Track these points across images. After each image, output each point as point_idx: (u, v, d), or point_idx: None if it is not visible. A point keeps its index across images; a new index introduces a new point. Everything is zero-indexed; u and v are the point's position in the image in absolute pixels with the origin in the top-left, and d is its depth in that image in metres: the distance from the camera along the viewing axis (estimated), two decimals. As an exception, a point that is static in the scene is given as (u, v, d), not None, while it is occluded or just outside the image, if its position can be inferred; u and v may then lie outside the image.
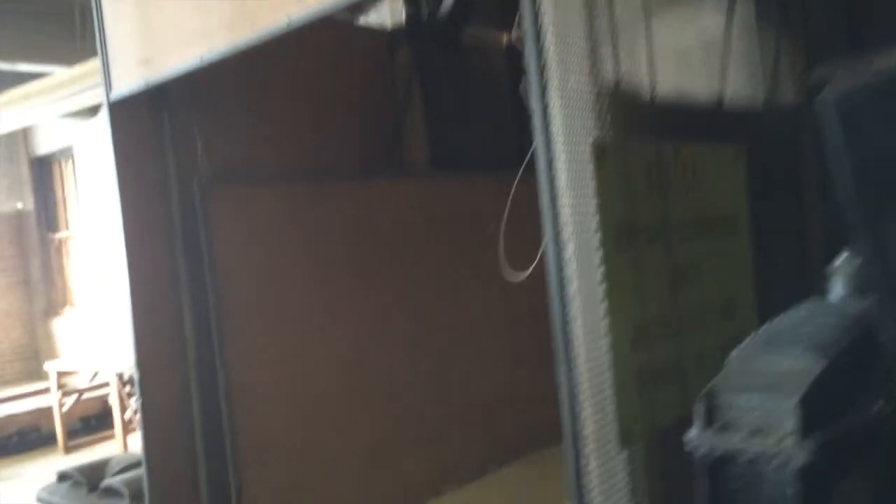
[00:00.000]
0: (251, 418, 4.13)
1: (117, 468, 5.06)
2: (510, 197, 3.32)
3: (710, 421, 1.92)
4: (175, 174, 3.98)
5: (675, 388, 2.70)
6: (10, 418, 7.91)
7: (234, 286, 4.11)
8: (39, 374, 8.58)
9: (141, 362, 3.89)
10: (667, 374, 2.67)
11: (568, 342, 2.37)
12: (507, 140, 6.05)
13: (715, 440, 1.87)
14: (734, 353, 2.11)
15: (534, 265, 2.98)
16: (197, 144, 3.99)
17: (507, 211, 3.31)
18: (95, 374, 7.80)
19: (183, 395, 4.02)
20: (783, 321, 2.09)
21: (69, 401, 7.72)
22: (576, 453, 2.34)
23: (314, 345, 4.46)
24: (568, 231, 2.42)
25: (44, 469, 6.55)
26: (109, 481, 4.87)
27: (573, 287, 2.45)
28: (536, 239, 3.66)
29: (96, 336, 8.42)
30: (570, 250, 2.45)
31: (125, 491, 4.71)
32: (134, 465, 4.84)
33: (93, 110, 7.36)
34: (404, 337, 4.95)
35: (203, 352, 4.05)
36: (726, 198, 3.17)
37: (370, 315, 4.76)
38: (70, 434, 7.77)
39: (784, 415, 1.72)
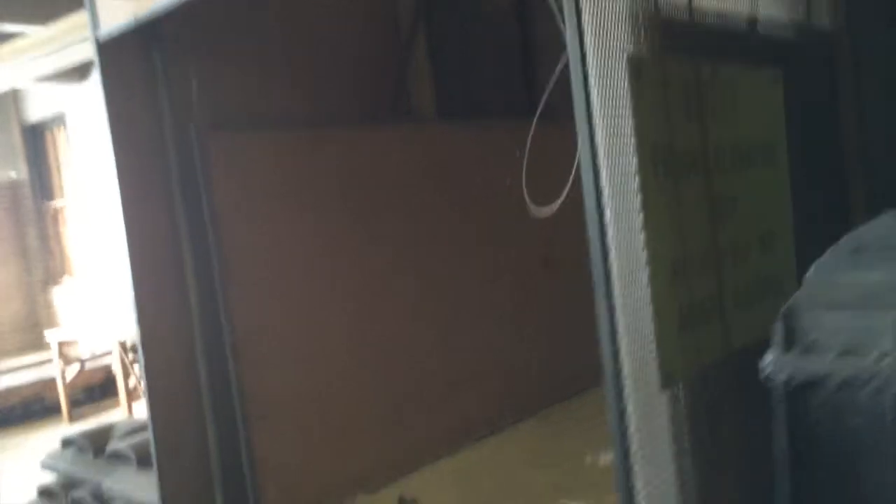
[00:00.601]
0: (259, 376, 3.95)
1: (123, 432, 4.91)
2: (532, 128, 3.10)
3: (790, 343, 1.71)
4: (170, 120, 3.75)
5: (716, 325, 2.51)
6: (13, 390, 7.80)
7: (235, 238, 3.91)
8: (40, 345, 8.44)
9: (142, 319, 3.70)
10: (707, 310, 2.48)
11: (608, 274, 2.17)
12: (517, 86, 5.81)
13: (797, 364, 1.67)
14: (812, 270, 1.90)
15: (562, 198, 2.78)
16: (192, 88, 3.75)
17: (528, 145, 3.09)
18: (98, 344, 7.65)
19: (187, 353, 3.84)
20: (866, 233, 1.87)
21: (72, 370, 7.58)
22: (617, 394, 2.15)
23: (321, 298, 4.27)
24: (602, 154, 2.20)
25: (48, 439, 6.43)
26: (115, 446, 4.71)
27: (608, 215, 2.25)
28: (552, 186, 3.46)
29: (97, 304, 8.26)
30: (604, 177, 2.24)
31: (132, 455, 4.55)
32: (140, 429, 4.67)
33: (83, 73, 7.11)
34: (413, 290, 4.76)
35: (206, 308, 3.86)
36: (764, 125, 2.95)
37: (378, 268, 4.56)
38: (74, 404, 7.66)
39: (881, 332, 1.51)
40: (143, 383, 3.83)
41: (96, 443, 4.90)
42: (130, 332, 4.91)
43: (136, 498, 4.32)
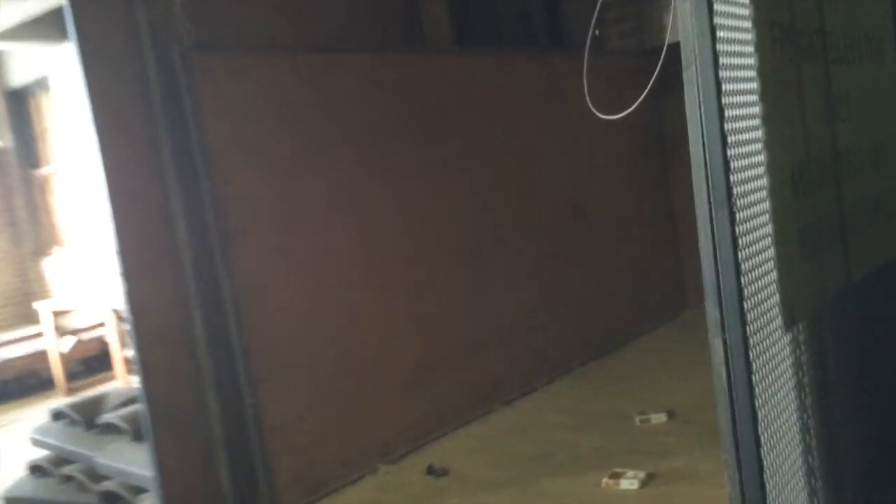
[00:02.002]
0: (265, 337, 3.48)
1: (116, 402, 4.47)
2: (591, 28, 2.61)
3: None
4: (150, 40, 3.24)
5: (837, 251, 2.03)
6: (6, 363, 7.44)
7: (232, 182, 3.42)
8: (33, 318, 8.02)
9: (128, 278, 3.21)
10: (828, 232, 2.00)
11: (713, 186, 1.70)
12: (538, 15, 5.27)
13: None
14: None
15: (637, 104, 2.30)
16: (176, 3, 3.23)
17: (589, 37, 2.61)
18: (92, 314, 7.24)
19: (182, 315, 3.36)
20: None
21: (66, 342, 7.19)
22: (742, 330, 1.68)
23: (333, 250, 3.79)
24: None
25: (43, 413, 6.03)
26: (108, 417, 4.27)
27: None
28: (583, 119, 2.96)
29: (89, 274, 7.83)
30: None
31: (126, 427, 4.12)
32: (134, 398, 4.23)
33: (64, 31, 6.57)
34: (435, 241, 4.28)
35: (202, 263, 3.37)
36: (872, 13, 2.45)
37: (395, 216, 4.07)
38: (71, 376, 7.30)
39: None
40: (133, 348, 3.36)
41: (88, 414, 4.47)
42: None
43: (132, 473, 3.89)
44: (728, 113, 1.78)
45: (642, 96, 2.30)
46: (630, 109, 2.34)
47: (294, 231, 3.64)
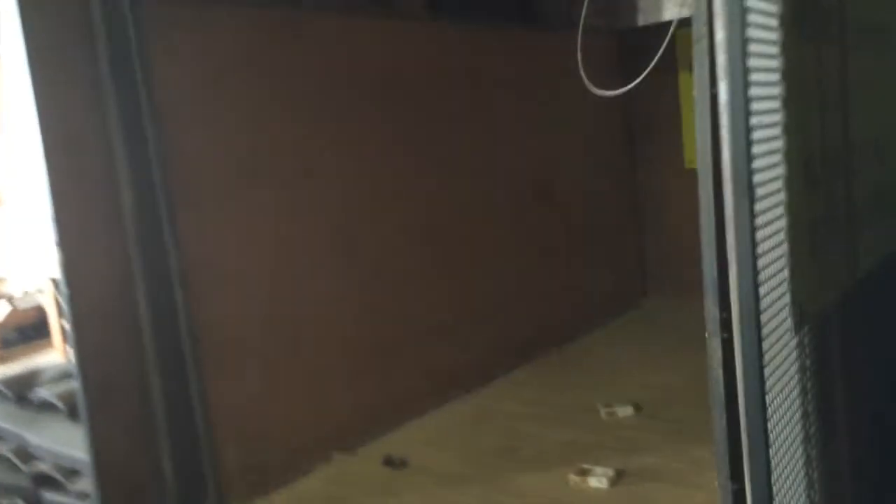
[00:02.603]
0: (214, 314, 3.23)
1: (51, 377, 4.17)
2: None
3: None
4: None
5: (845, 248, 1.88)
6: (-65, 331, 6.98)
7: (184, 144, 3.14)
8: (-35, 282, 7.56)
9: (64, 240, 2.92)
10: (837, 228, 1.84)
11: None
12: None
13: None
14: None
15: (635, 83, 2.12)
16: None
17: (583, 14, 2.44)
18: (29, 280, 6.84)
19: (123, 283, 3.08)
20: None
21: (1, 309, 6.79)
22: (756, 333, 1.51)
23: (291, 221, 3.54)
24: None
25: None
26: (42, 393, 3.98)
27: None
28: (552, 98, 2.78)
29: (27, 237, 7.40)
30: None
31: (61, 404, 3.85)
32: (72, 374, 3.95)
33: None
34: (396, 219, 4.05)
35: (147, 225, 3.09)
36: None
37: (356, 189, 3.83)
38: (4, 344, 6.88)
39: None
40: (68, 320, 3.08)
41: (20, 389, 4.17)
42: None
43: (66, 455, 3.62)
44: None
45: (643, 74, 2.11)
46: (629, 87, 2.15)
47: (248, 201, 3.38)
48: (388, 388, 3.93)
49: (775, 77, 1.57)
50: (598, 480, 2.99)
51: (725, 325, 1.75)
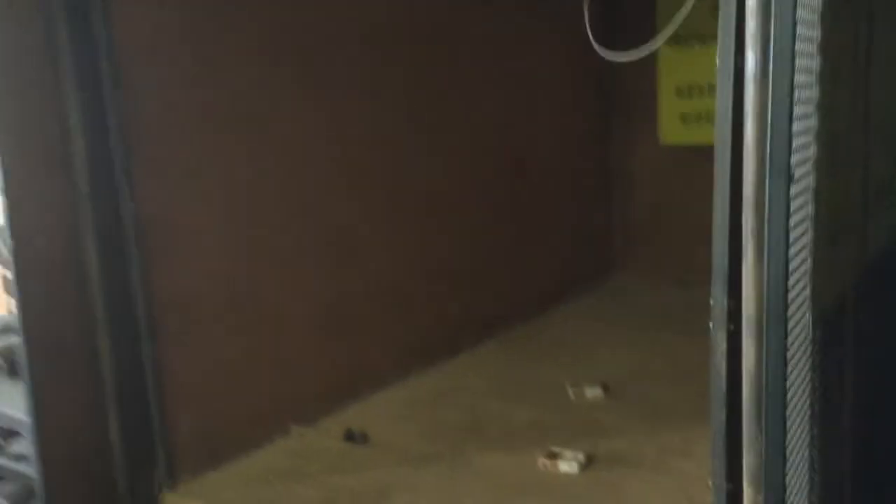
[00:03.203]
0: (173, 273, 3.04)
1: (-11, 334, 3.93)
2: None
3: None
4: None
5: (858, 236, 1.78)
6: None
7: (141, 83, 2.92)
8: None
9: (9, 185, 2.68)
10: (853, 216, 1.74)
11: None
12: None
13: None
14: None
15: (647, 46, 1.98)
16: None
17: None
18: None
19: (72, 236, 2.86)
20: None
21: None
22: (783, 327, 1.39)
23: (256, 177, 3.34)
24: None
25: None
26: (-22, 349, 3.75)
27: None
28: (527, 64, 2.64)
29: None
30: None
31: (0, 360, 3.63)
32: (12, 329, 3.71)
33: None
34: (363, 182, 3.87)
35: (100, 175, 2.87)
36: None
37: (322, 150, 3.64)
38: (-61, 295, 6.53)
39: None
40: (11, 271, 2.85)
41: (-45, 345, 3.91)
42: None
43: (4, 414, 3.41)
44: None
45: (656, 39, 1.96)
46: (641, 51, 2.00)
47: (210, 157, 3.17)
48: (350, 359, 3.78)
49: (811, 48, 1.44)
50: (568, 465, 2.90)
51: (732, 315, 1.64)
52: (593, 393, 3.63)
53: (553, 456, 2.96)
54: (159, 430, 3.03)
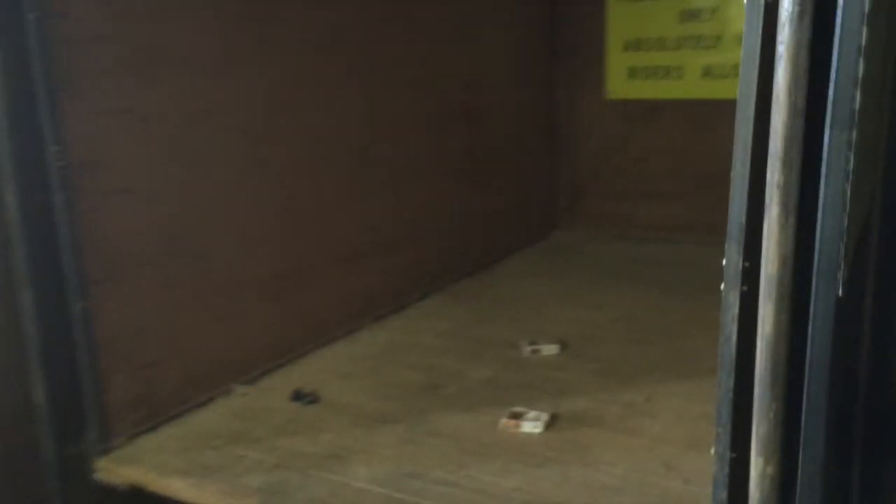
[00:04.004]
0: (106, 221, 2.75)
1: None
2: None
3: None
4: None
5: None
6: None
7: (68, 6, 2.59)
8: None
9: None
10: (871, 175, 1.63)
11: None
12: None
13: None
14: None
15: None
16: None
17: None
18: None
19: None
20: None
21: None
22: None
23: (193, 118, 3.06)
24: None
25: None
26: None
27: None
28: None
29: None
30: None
31: None
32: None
33: None
34: (311, 126, 3.62)
35: (21, 113, 2.55)
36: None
37: (268, 83, 3.37)
38: None
39: None
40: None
41: None
42: None
43: None
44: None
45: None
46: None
47: (147, 92, 2.87)
48: (296, 313, 3.57)
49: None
50: (531, 425, 2.80)
51: (748, 275, 1.52)
52: (549, 350, 3.54)
53: (516, 416, 2.86)
54: (90, 391, 2.78)
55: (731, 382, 1.61)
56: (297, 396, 3.13)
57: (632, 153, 5.70)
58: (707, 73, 5.26)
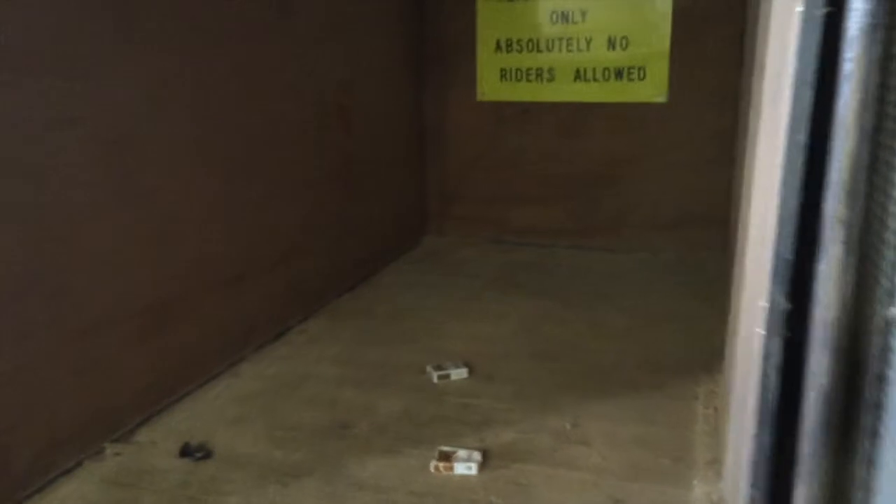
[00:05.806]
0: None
1: None
2: None
3: None
4: None
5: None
6: None
7: None
8: None
9: None
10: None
11: None
12: None
13: None
14: None
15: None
16: None
17: None
18: None
19: None
20: None
21: None
22: None
23: (56, 127, 2.51)
24: None
25: None
26: None
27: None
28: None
29: None
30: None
31: None
32: None
33: None
34: (179, 135, 3.15)
35: None
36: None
37: (133, 83, 2.87)
38: None
39: None
40: None
41: None
42: None
43: None
44: None
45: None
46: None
47: (-13, 96, 2.31)
48: (171, 350, 3.09)
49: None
50: (465, 467, 2.54)
51: (790, 320, 1.36)
52: (458, 375, 3.30)
53: (446, 457, 2.59)
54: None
55: (769, 437, 1.45)
56: (186, 451, 2.68)
57: (502, 156, 5.59)
58: (578, 76, 5.24)
